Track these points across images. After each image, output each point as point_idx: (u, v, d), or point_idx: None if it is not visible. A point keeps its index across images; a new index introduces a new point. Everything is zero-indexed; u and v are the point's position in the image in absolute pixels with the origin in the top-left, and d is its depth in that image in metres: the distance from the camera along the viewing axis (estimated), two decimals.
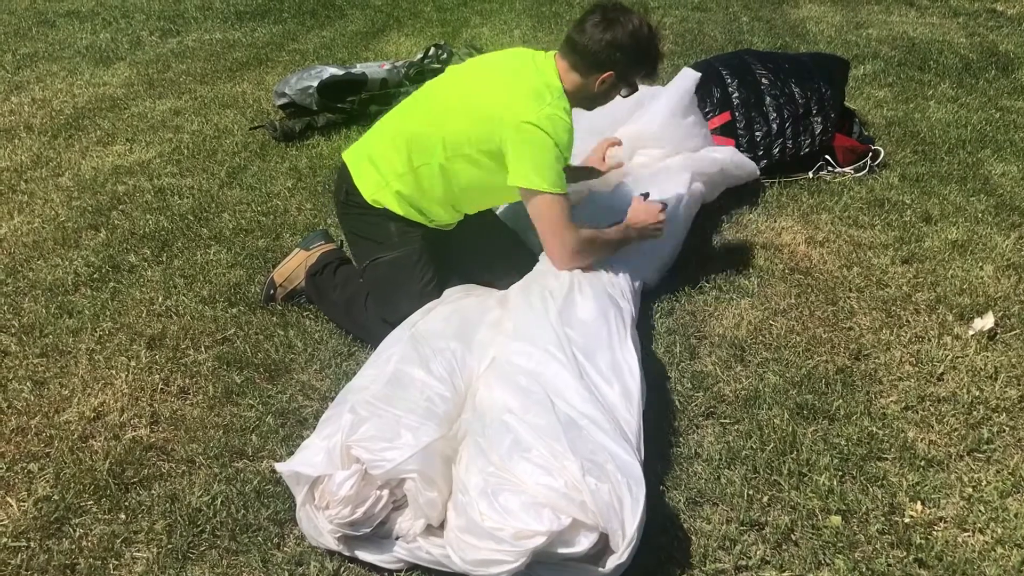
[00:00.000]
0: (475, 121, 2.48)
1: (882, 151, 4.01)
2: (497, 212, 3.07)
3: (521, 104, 2.41)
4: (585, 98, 2.58)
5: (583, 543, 1.75)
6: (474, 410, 2.06)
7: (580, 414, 1.99)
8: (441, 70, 4.70)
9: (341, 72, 4.70)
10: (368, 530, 1.86)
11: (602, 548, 1.80)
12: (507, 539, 1.71)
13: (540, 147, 2.38)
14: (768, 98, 3.85)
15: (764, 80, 3.89)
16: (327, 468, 1.84)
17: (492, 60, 2.71)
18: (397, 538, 1.89)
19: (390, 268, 2.64)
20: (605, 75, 2.50)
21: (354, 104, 4.68)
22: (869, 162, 3.92)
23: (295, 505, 2.04)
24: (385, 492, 1.86)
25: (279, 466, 1.90)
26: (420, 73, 4.78)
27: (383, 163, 2.61)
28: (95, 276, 3.14)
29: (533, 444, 1.88)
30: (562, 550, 1.75)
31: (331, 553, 1.94)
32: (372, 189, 2.62)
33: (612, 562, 1.77)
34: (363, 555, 1.90)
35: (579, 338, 2.24)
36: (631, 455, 1.90)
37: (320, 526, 1.88)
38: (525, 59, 2.58)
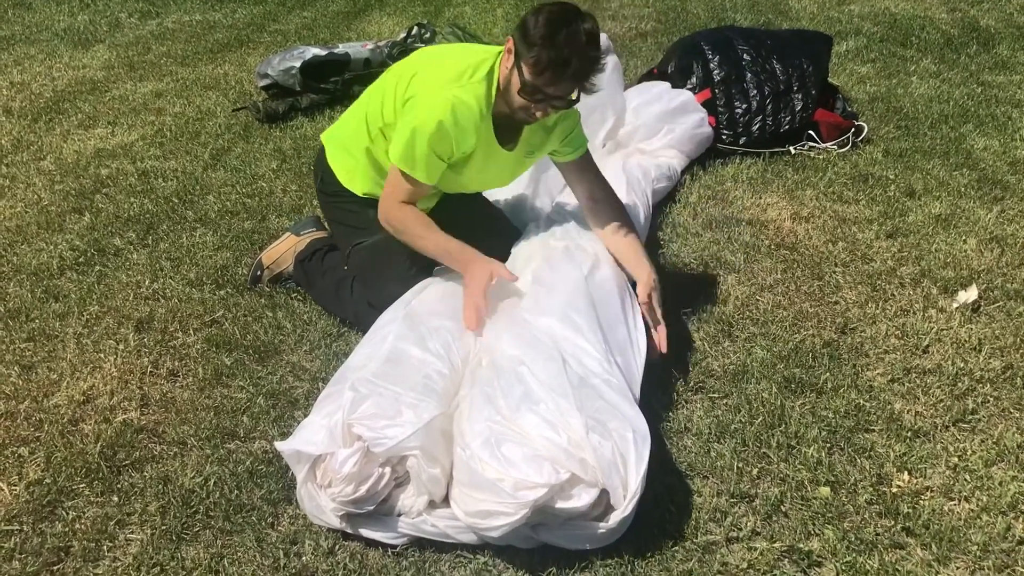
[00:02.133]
0: (393, 98, 2.38)
1: (865, 126, 4.03)
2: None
3: (437, 82, 2.26)
4: (504, 90, 2.28)
5: (583, 498, 1.77)
6: (490, 365, 2.07)
7: (591, 373, 2.02)
8: None
9: (324, 52, 4.68)
10: (371, 507, 1.86)
11: (605, 507, 1.82)
12: (507, 490, 1.72)
13: (416, 125, 2.22)
14: (749, 75, 3.85)
15: (746, 56, 3.88)
16: (329, 446, 1.84)
17: (455, 46, 2.63)
18: (400, 515, 1.89)
19: (372, 253, 2.58)
20: (508, 42, 2.20)
21: (337, 85, 4.66)
22: (852, 138, 3.94)
23: (290, 485, 2.05)
24: (387, 469, 1.86)
25: (279, 445, 1.89)
26: (403, 53, 4.75)
27: (352, 146, 2.56)
28: (80, 260, 3.12)
29: (543, 398, 1.90)
30: (562, 505, 1.76)
31: (326, 531, 1.95)
32: (345, 173, 2.59)
33: (615, 517, 1.80)
34: (366, 532, 1.90)
35: (599, 307, 2.28)
36: (639, 413, 1.93)
37: (322, 504, 1.88)
38: (485, 48, 2.38)
